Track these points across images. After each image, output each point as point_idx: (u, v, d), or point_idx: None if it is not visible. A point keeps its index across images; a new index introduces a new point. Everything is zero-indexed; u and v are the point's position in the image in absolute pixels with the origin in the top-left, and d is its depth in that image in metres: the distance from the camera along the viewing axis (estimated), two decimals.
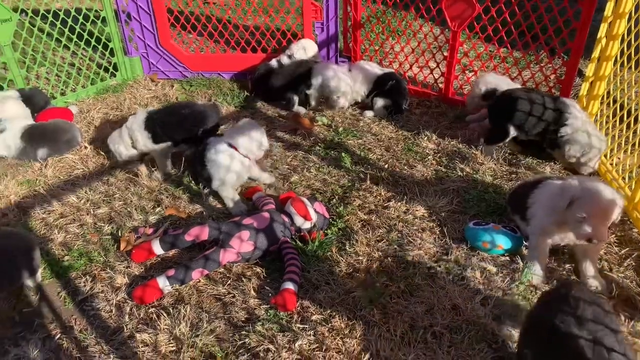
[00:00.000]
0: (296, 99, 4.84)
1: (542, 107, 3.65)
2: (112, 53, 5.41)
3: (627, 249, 2.93)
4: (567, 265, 2.85)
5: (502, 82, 4.26)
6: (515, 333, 2.40)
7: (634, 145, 3.45)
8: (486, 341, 2.37)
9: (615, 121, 3.72)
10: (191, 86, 5.39)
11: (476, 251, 2.93)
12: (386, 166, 3.84)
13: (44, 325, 2.56)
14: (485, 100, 4.23)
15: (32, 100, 4.31)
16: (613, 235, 3.06)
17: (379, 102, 4.66)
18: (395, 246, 2.99)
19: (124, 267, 2.88)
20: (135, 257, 2.89)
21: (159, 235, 2.99)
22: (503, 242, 2.86)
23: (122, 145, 3.75)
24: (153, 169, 3.77)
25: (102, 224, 3.23)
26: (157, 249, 2.90)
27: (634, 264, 2.84)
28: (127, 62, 5.48)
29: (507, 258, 2.89)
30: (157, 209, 3.37)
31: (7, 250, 2.64)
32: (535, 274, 2.72)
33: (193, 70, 5.57)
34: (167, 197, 3.49)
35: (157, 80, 5.53)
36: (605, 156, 3.72)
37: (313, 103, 4.86)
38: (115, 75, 5.46)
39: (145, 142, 3.73)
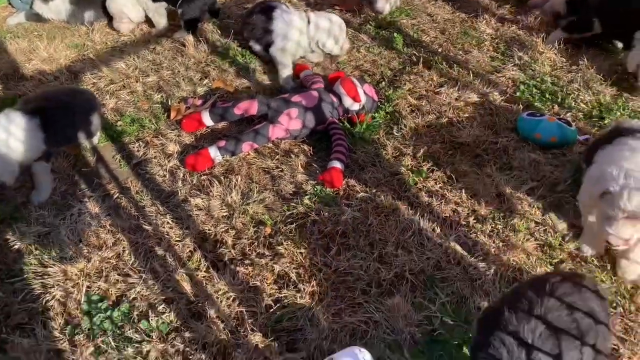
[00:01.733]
0: None
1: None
2: None
3: None
4: None
5: None
6: (559, 224, 2.42)
7: None
8: (528, 229, 2.41)
9: None
10: None
11: (526, 142, 2.87)
12: (440, 50, 3.66)
13: (102, 185, 2.71)
14: None
15: None
16: None
17: None
18: (444, 133, 2.95)
19: (175, 135, 2.96)
20: (185, 126, 2.95)
21: (209, 107, 3.02)
22: (557, 134, 2.78)
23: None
24: (200, 39, 3.70)
25: (152, 92, 3.26)
26: (207, 119, 2.94)
27: None
28: None
29: (559, 151, 2.82)
30: (205, 81, 3.37)
31: (71, 108, 2.70)
32: (582, 249, 2.32)
33: None
34: (214, 69, 3.46)
35: None
36: None
37: None
38: None
39: None
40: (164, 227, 2.47)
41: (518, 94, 3.21)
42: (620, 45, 3.54)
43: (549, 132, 2.78)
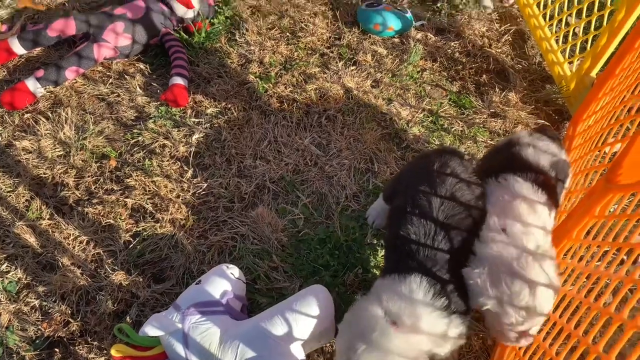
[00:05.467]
0: None
1: None
2: None
3: (507, 25, 3.07)
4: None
5: None
6: (402, 111, 2.56)
7: None
8: (376, 120, 2.52)
9: None
10: None
11: (368, 34, 2.91)
12: None
13: None
14: None
15: None
16: (495, 13, 3.16)
17: None
18: (288, 34, 2.86)
19: None
20: None
21: (16, 32, 2.57)
22: (394, 24, 2.84)
23: None
24: None
25: None
26: (17, 48, 2.52)
27: (510, 39, 3.01)
28: None
29: (397, 40, 2.91)
30: (7, 1, 2.84)
31: None
32: None
33: None
34: None
35: None
36: None
37: None
38: None
39: None
40: None
41: None
42: None
43: (387, 22, 2.82)
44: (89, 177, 2.18)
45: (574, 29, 2.76)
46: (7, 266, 1.94)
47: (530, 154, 1.74)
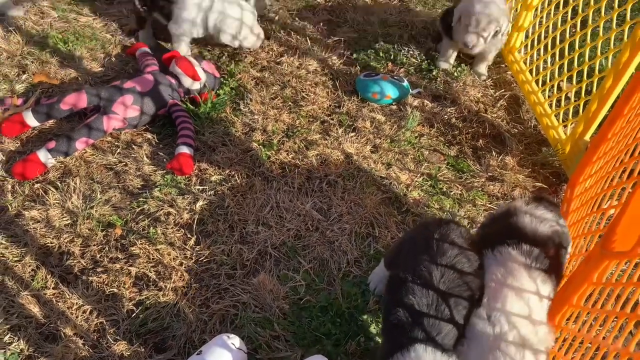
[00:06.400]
0: None
1: None
2: None
3: (501, 90, 3.19)
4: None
5: None
6: (402, 175, 2.62)
7: None
8: (375, 185, 2.57)
9: None
10: None
11: (366, 102, 3.02)
12: (277, 18, 3.65)
13: None
14: None
15: None
16: (489, 79, 3.29)
17: None
18: (290, 103, 2.98)
19: None
20: (6, 131, 2.61)
21: (31, 106, 2.70)
22: (391, 92, 2.96)
23: None
24: (10, 28, 3.26)
25: None
26: (31, 120, 2.63)
27: (505, 104, 3.12)
28: None
29: (395, 107, 3.02)
30: (23, 76, 3.00)
31: None
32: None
33: None
34: (32, 62, 3.09)
35: None
36: None
37: None
38: None
39: None
40: None
41: (355, 55, 3.35)
42: None
43: (384, 91, 2.94)
44: (94, 245, 2.22)
45: (566, 94, 2.86)
46: (10, 337, 1.94)
47: (528, 223, 1.77)
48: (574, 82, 2.92)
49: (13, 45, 3.17)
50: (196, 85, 2.87)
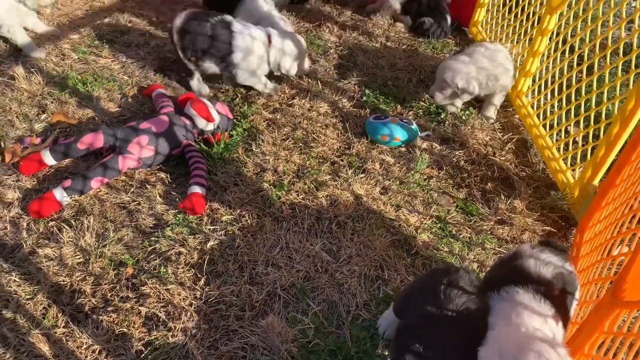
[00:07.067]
0: None
1: None
2: None
3: (509, 134, 3.23)
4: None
5: None
6: (411, 217, 2.64)
7: (520, 34, 3.64)
8: (385, 226, 2.59)
9: (505, 11, 3.86)
10: None
11: (376, 144, 3.07)
12: None
13: None
14: None
15: None
16: (497, 122, 3.34)
17: None
18: (301, 144, 3.04)
19: (13, 180, 2.67)
20: (24, 169, 2.68)
21: (49, 145, 2.78)
22: (400, 134, 3.01)
23: None
24: (32, 69, 3.38)
25: None
26: (48, 159, 2.71)
27: (513, 147, 3.16)
28: None
29: (404, 149, 3.07)
30: (42, 116, 3.09)
31: None
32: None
33: None
34: (51, 102, 3.19)
35: None
36: (490, 40, 3.90)
37: None
38: None
39: None
40: (10, 286, 2.23)
41: (364, 98, 3.42)
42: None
43: (393, 133, 3.00)
44: (105, 284, 2.24)
45: (574, 138, 2.90)
46: None
47: (532, 266, 1.78)
48: (581, 126, 2.96)
49: (34, 86, 3.28)
50: (210, 127, 2.95)
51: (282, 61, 3.28)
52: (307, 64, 3.48)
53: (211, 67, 3.22)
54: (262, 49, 3.21)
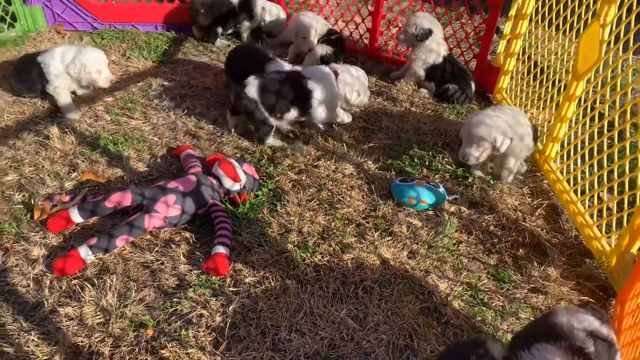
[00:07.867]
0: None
1: None
2: (8, 1, 4.84)
3: (539, 199, 3.16)
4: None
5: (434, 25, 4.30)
6: (440, 284, 2.54)
7: (545, 101, 3.66)
8: (414, 293, 2.49)
9: (530, 78, 3.91)
10: (102, 39, 4.99)
11: (402, 207, 3.03)
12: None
13: None
14: (418, 40, 4.26)
15: None
16: (526, 187, 3.28)
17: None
18: (326, 205, 3.02)
19: (39, 237, 2.69)
20: (51, 226, 2.70)
21: (77, 203, 2.81)
22: (427, 198, 2.97)
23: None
24: (66, 129, 3.50)
25: (11, 192, 2.97)
26: (76, 217, 2.73)
27: (544, 213, 3.08)
28: (27, 11, 4.94)
29: (432, 212, 3.01)
30: (73, 174, 3.15)
31: None
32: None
33: (104, 21, 5.15)
34: (82, 161, 3.27)
35: (64, 33, 5.06)
36: (516, 106, 3.91)
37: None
38: (14, 26, 4.92)
39: None
40: (28, 346, 2.17)
41: (390, 160, 3.42)
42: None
43: (420, 196, 2.96)
44: (124, 346, 2.17)
45: (607, 205, 2.81)
46: None
47: (565, 321, 1.68)
48: (615, 193, 2.88)
49: (67, 145, 3.38)
50: (236, 187, 2.96)
51: (348, 92, 3.68)
52: (367, 95, 3.88)
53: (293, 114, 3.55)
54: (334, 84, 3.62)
